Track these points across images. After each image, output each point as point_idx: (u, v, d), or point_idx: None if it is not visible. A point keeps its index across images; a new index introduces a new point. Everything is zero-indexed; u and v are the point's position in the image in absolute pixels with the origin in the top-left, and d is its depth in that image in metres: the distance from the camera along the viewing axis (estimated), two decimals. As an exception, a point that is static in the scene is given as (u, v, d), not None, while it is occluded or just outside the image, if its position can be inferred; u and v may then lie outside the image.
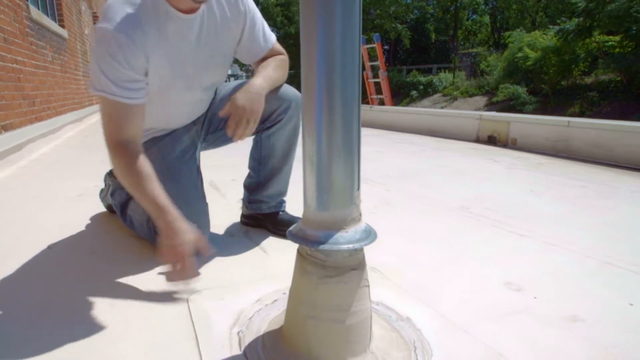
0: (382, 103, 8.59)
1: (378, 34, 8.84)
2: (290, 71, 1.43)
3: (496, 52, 16.83)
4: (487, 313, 0.97)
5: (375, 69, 8.76)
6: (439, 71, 18.60)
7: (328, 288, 0.75)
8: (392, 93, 9.47)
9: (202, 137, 1.41)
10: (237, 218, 1.60)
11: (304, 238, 0.75)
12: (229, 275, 1.17)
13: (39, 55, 3.84)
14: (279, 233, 1.43)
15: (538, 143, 3.44)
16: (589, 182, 2.29)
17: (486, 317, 0.95)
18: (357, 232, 0.75)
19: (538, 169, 2.69)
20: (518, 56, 12.51)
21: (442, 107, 14.55)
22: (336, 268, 0.75)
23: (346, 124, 0.71)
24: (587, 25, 10.81)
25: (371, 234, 0.76)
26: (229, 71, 2.94)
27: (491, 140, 3.91)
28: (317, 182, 0.73)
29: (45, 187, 2.19)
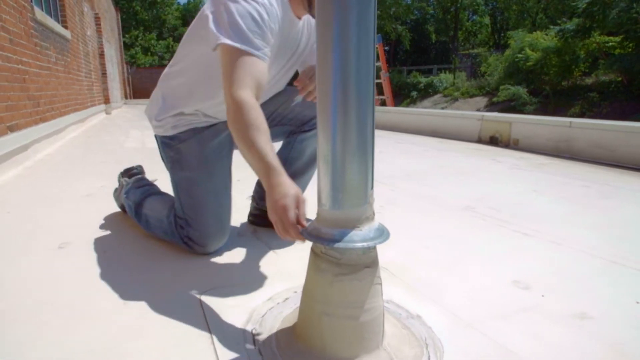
0: (384, 104, 8.61)
1: (380, 35, 8.86)
2: None
3: (496, 53, 16.84)
4: (496, 311, 0.98)
5: (376, 70, 8.76)
6: (439, 72, 18.65)
7: (342, 285, 0.76)
8: (393, 94, 9.48)
9: None
10: (245, 218, 1.61)
11: (319, 236, 0.76)
12: (240, 274, 1.18)
13: (43, 56, 3.86)
14: None
15: (540, 143, 3.45)
16: (592, 182, 2.30)
17: (495, 315, 0.96)
18: (371, 231, 0.76)
19: (540, 169, 2.70)
20: (519, 57, 12.53)
21: (443, 108, 14.58)
22: (350, 266, 0.76)
23: (360, 124, 0.72)
24: (587, 25, 10.84)
25: (384, 232, 0.78)
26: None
27: (493, 140, 3.92)
28: (332, 182, 0.75)
29: (53, 187, 2.21)
